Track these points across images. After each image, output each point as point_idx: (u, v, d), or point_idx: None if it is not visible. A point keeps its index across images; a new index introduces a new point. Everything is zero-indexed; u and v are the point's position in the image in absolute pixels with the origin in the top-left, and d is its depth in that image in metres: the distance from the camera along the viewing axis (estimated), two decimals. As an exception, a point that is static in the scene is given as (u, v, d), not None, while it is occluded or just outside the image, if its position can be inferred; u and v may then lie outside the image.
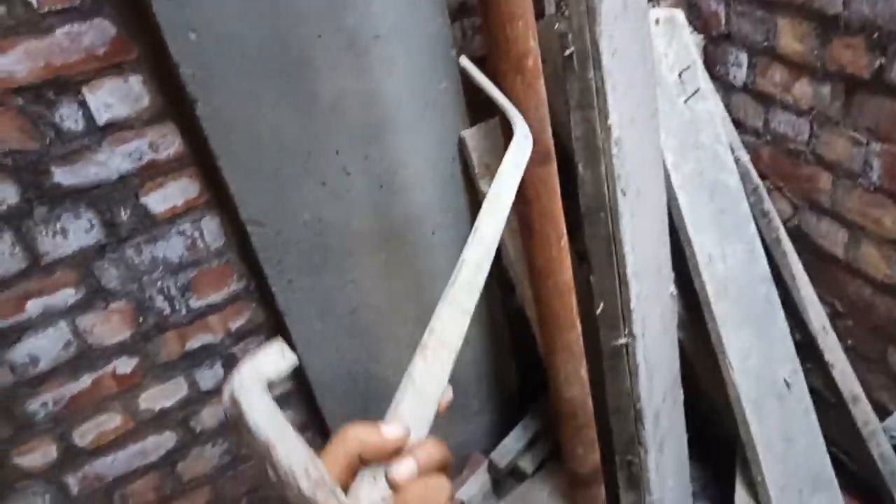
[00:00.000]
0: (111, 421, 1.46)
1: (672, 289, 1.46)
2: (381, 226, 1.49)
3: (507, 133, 1.00)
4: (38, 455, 1.41)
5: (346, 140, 1.35)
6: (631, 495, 1.42)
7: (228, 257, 1.44)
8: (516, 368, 1.95)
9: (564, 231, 1.07)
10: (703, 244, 1.44)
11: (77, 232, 1.26)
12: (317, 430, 1.77)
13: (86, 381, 1.39)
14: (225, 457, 1.65)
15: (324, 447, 0.45)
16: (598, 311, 1.26)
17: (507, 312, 1.84)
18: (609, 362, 1.32)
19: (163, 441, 1.55)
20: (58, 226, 1.23)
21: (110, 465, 1.51)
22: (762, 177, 1.58)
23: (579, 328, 1.16)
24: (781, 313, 1.53)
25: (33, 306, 1.28)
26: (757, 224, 1.52)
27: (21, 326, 1.28)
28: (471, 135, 1.45)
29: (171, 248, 1.36)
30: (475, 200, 1.56)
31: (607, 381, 1.34)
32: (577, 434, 1.28)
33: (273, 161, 1.30)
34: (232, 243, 1.42)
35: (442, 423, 1.75)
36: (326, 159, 1.35)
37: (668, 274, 1.44)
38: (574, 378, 1.20)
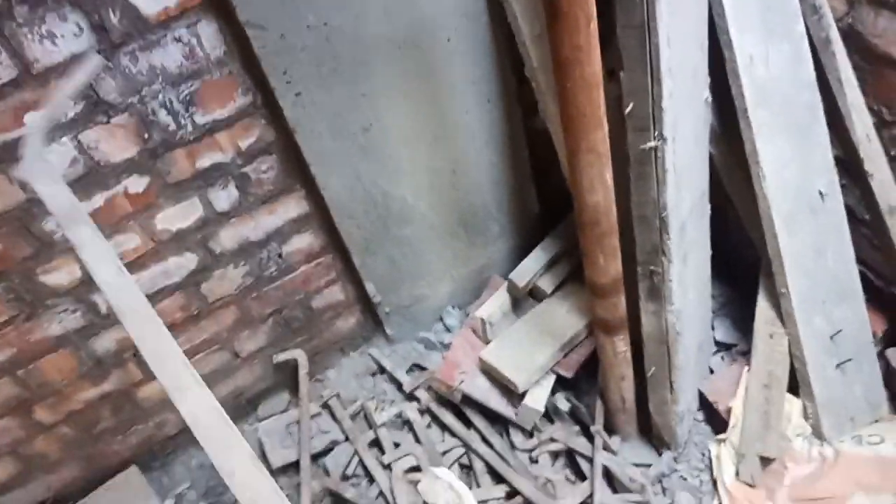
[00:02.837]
0: (130, 241, 1.46)
1: (707, 94, 1.36)
2: (392, 31, 1.38)
3: None
4: (63, 274, 1.43)
5: (349, -77, 1.20)
6: (651, 305, 1.42)
7: (231, 68, 1.34)
8: (537, 193, 1.91)
9: (594, 13, 0.96)
10: (744, 44, 1.32)
11: (66, 36, 1.16)
12: (338, 253, 1.77)
13: (98, 199, 1.37)
14: (248, 278, 1.67)
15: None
16: (627, 110, 1.18)
17: (528, 134, 1.76)
18: (636, 169, 1.26)
19: (184, 262, 1.56)
20: (43, 28, 1.14)
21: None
22: (817, -33, 1.40)
23: (606, 127, 1.08)
24: (823, 121, 1.43)
25: (32, 119, 1.22)
26: (806, 23, 1.38)
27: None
28: (489, -83, 1.28)
29: (169, 56, 1.27)
30: (495, 2, 1.42)
31: (633, 189, 1.29)
32: (598, 242, 1.25)
33: (268, -51, 1.17)
34: (234, 52, 1.33)
35: (462, 248, 1.73)
36: (328, -52, 1.22)
37: (704, 77, 1.33)
38: (598, 183, 1.14)
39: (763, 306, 1.57)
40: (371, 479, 1.69)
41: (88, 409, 1.65)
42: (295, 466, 1.73)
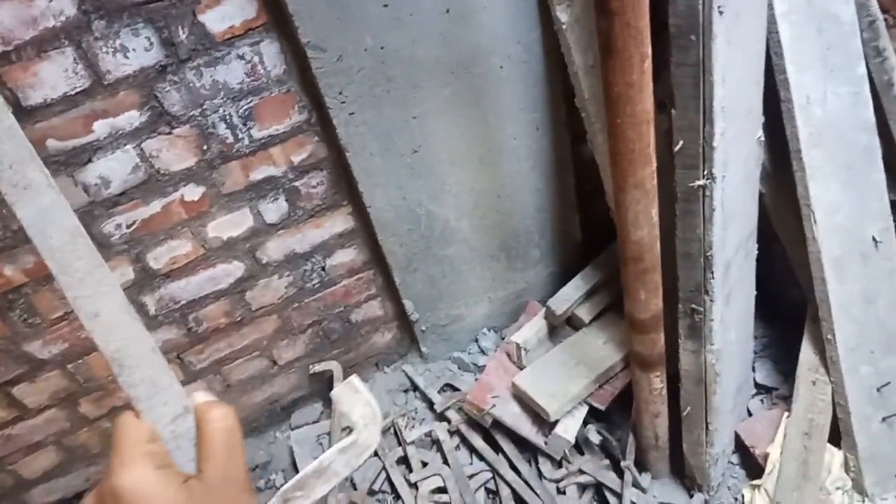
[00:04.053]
0: (182, 247, 1.52)
1: (760, 133, 1.34)
2: (446, 55, 1.40)
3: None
4: (116, 274, 1.49)
5: (411, -48, 1.23)
6: (690, 344, 1.40)
7: (290, 86, 1.39)
8: (580, 221, 1.90)
9: (649, 52, 0.96)
10: (802, 84, 1.30)
11: (137, 50, 1.23)
12: (379, 269, 1.80)
13: (156, 205, 1.43)
14: (291, 289, 1.71)
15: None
16: (677, 148, 1.17)
17: (574, 162, 1.76)
18: (683, 206, 1.25)
19: (231, 270, 1.61)
20: (117, 42, 1.20)
21: (183, 288, 1.58)
22: (883, 10, 1.38)
23: (654, 164, 1.08)
24: (880, 166, 1.39)
25: (100, 127, 1.28)
26: (868, 65, 1.35)
27: (91, 147, 1.30)
28: (549, -49, 1.30)
29: (232, 72, 1.32)
30: (550, 31, 1.43)
31: (678, 226, 1.28)
32: (640, 278, 1.24)
33: (333, -25, 1.21)
34: (293, 70, 1.37)
35: (501, 271, 1.73)
36: (389, -25, 1.25)
37: (758, 116, 1.32)
38: (643, 219, 1.14)
39: (807, 351, 1.53)
40: (397, 496, 1.70)
41: (130, 406, 1.70)
42: (324, 477, 1.75)
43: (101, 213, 1.38)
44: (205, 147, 1.39)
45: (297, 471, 1.77)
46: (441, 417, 1.84)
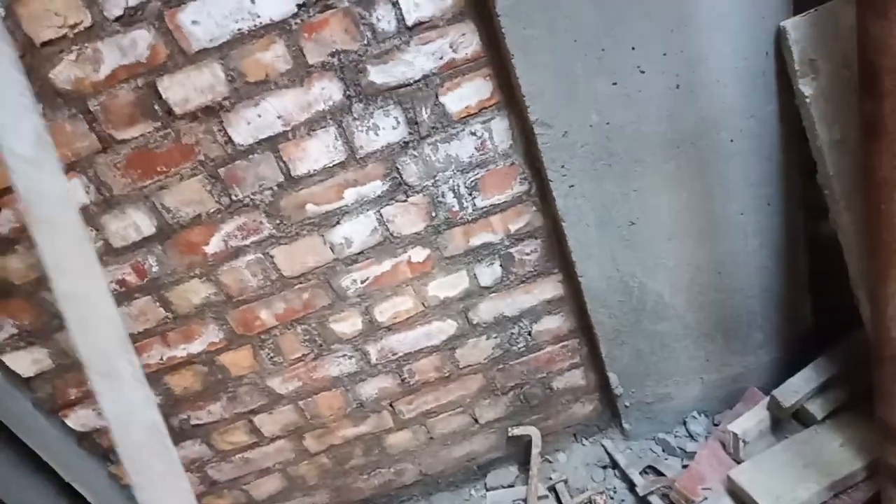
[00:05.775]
0: (405, 303, 1.64)
1: None
2: (672, 130, 1.39)
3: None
4: (348, 324, 1.65)
5: (645, 32, 1.25)
6: (961, 463, 1.19)
7: (514, 159, 1.46)
8: (812, 305, 1.72)
9: (922, 132, 0.87)
10: None
11: (386, 128, 1.38)
12: (585, 339, 1.78)
13: (387, 265, 1.57)
14: (497, 350, 1.75)
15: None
16: (952, 237, 1.03)
17: (809, 241, 1.61)
18: (956, 302, 1.08)
19: (445, 327, 1.70)
20: (371, 122, 1.37)
21: (402, 341, 1.70)
22: None
23: (922, 256, 0.96)
24: None
25: (350, 194, 1.45)
26: None
27: (340, 211, 1.47)
28: (794, 24, 1.24)
29: (463, 147, 1.43)
30: (787, 104, 1.36)
31: (949, 325, 1.11)
32: (897, 380, 1.09)
33: (566, 57, 1.27)
34: (518, 145, 1.45)
35: (716, 352, 1.62)
36: (621, 55, 1.28)
37: None
38: (905, 314, 1.01)
39: None
40: (592, 580, 1.62)
41: (345, 446, 1.85)
42: (517, 545, 1.74)
43: (341, 269, 1.55)
44: (433, 214, 1.51)
45: (491, 533, 1.78)
46: (642, 501, 1.74)
